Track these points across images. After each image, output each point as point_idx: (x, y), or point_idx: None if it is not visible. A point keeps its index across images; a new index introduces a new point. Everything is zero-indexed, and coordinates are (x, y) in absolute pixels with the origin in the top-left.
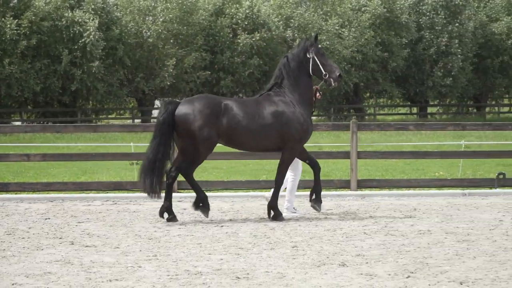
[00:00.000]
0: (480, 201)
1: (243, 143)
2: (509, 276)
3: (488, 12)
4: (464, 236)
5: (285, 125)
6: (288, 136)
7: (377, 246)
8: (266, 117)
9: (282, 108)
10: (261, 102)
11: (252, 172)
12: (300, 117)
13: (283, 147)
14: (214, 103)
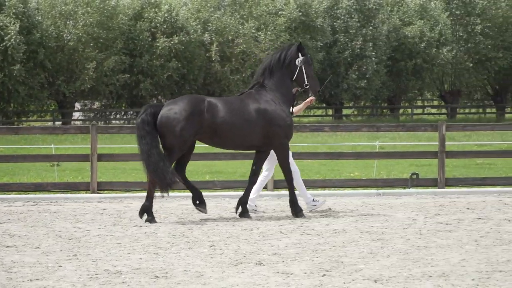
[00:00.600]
0: (394, 201)
1: (227, 141)
2: (422, 274)
3: (401, 16)
4: (379, 235)
5: (269, 122)
6: (272, 133)
7: (293, 245)
8: (250, 114)
9: (265, 106)
10: (244, 100)
11: None
12: (283, 113)
13: (267, 144)
14: (196, 102)
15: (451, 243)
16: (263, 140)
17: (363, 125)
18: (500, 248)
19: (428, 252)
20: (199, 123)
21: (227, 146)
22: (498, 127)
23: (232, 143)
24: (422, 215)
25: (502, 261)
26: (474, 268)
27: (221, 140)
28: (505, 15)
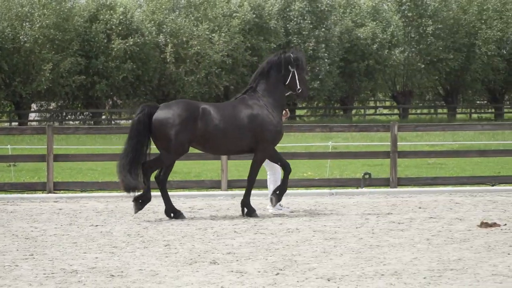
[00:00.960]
0: (346, 200)
1: (219, 146)
2: (375, 272)
3: (354, 18)
4: (332, 234)
5: (259, 127)
6: (261, 138)
7: (247, 244)
8: (241, 120)
9: (257, 111)
10: (236, 106)
11: None
12: (273, 119)
13: (255, 148)
14: (192, 107)
15: (403, 242)
16: (254, 145)
17: (316, 126)
18: (452, 247)
19: (381, 251)
20: (193, 130)
21: (219, 152)
22: (449, 127)
23: (225, 149)
24: (375, 214)
25: (453, 259)
26: (426, 267)
27: (213, 147)
28: (456, 17)
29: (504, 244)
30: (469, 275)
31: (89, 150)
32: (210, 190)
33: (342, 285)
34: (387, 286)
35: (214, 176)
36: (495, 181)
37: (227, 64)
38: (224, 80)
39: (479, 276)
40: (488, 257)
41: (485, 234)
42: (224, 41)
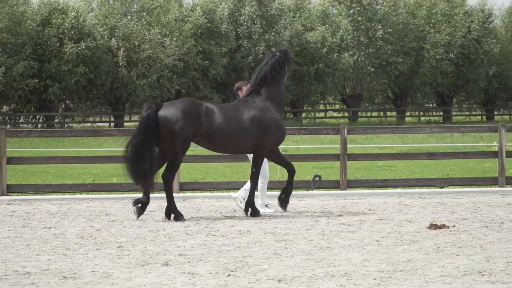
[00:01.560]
0: (297, 203)
1: (222, 145)
2: (325, 273)
3: (304, 22)
4: (282, 236)
5: (263, 130)
6: (264, 142)
7: (199, 246)
8: (245, 122)
9: (260, 114)
10: (239, 108)
11: (79, 176)
12: (277, 122)
13: (259, 150)
14: (195, 104)
15: (353, 243)
16: (256, 147)
17: None
18: (401, 248)
19: (331, 253)
20: (196, 126)
21: (221, 151)
22: (399, 130)
23: (227, 149)
24: (325, 216)
25: (402, 260)
26: (376, 268)
27: (216, 145)
28: (404, 21)
29: (452, 246)
30: (418, 276)
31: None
32: (162, 192)
33: (293, 286)
34: (337, 287)
35: None
36: (444, 183)
37: (179, 68)
38: (176, 84)
39: (428, 277)
40: (437, 258)
41: (434, 236)
42: (175, 45)
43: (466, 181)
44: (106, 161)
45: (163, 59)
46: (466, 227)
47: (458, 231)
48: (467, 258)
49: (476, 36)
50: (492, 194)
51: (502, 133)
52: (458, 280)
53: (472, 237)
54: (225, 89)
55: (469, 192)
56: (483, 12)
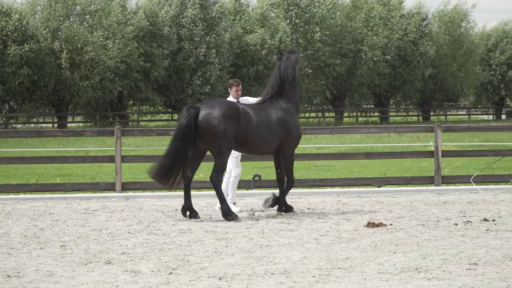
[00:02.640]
0: (238, 202)
1: (254, 147)
2: (265, 271)
3: (243, 25)
4: (223, 234)
5: (286, 131)
6: (287, 143)
7: (141, 245)
8: (274, 123)
9: (284, 116)
10: (267, 110)
11: (23, 176)
12: (297, 124)
13: (279, 150)
14: (234, 107)
15: (293, 241)
16: (279, 147)
17: None
18: (339, 246)
19: (271, 251)
20: (236, 128)
21: (250, 152)
22: (337, 130)
23: (256, 150)
24: (265, 215)
25: (341, 258)
26: (315, 266)
27: (247, 147)
28: (342, 24)
29: (390, 243)
30: (356, 273)
31: None
32: (105, 192)
33: (233, 284)
34: (277, 284)
35: (109, 178)
36: (381, 183)
37: (121, 69)
38: (118, 85)
39: (366, 274)
40: (374, 256)
41: (372, 234)
42: (118, 47)
43: (402, 180)
44: (49, 162)
45: (106, 61)
46: (403, 225)
47: (395, 229)
48: (404, 255)
49: (413, 39)
50: (428, 193)
51: (438, 133)
52: (395, 277)
53: (408, 235)
54: (167, 91)
55: (406, 191)
56: (419, 15)
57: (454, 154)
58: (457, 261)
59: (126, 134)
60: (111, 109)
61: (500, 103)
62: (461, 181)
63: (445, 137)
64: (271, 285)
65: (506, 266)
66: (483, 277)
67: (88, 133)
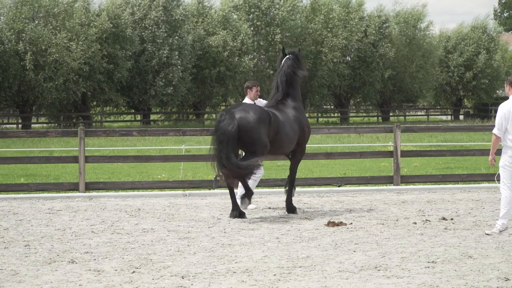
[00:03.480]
0: (199, 201)
1: (282, 147)
2: (227, 270)
3: (206, 27)
4: (185, 234)
5: (302, 130)
6: (302, 140)
7: (104, 244)
8: (293, 122)
9: (298, 115)
10: (285, 110)
11: None
12: (307, 121)
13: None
14: (265, 111)
15: (254, 240)
16: (296, 145)
17: (169, 130)
18: (300, 245)
19: (232, 250)
20: (269, 133)
21: (275, 153)
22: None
23: (281, 151)
24: (226, 214)
25: (302, 257)
26: (276, 264)
27: (274, 149)
28: (302, 26)
29: (350, 242)
30: (317, 271)
31: None
32: (69, 192)
33: (196, 282)
34: (238, 283)
35: (73, 178)
36: (341, 182)
37: (85, 71)
38: (82, 87)
39: (326, 273)
40: (335, 255)
41: (332, 233)
42: (81, 49)
43: (362, 180)
44: (13, 162)
45: (69, 62)
46: (363, 224)
47: (355, 228)
48: (364, 254)
49: (372, 40)
50: (387, 192)
51: (397, 134)
52: (355, 275)
53: (368, 233)
54: (130, 92)
55: (366, 191)
56: (379, 18)
57: (413, 154)
58: (416, 259)
59: (89, 134)
60: (74, 110)
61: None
62: (419, 181)
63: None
64: (232, 284)
65: (464, 264)
66: (442, 275)
67: (52, 133)
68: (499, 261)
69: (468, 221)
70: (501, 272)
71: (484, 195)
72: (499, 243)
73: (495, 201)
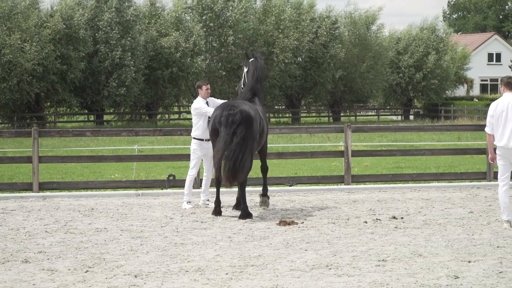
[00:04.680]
0: (152, 201)
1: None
2: (180, 269)
3: (158, 28)
4: (138, 233)
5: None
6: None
7: (58, 244)
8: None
9: (263, 112)
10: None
11: None
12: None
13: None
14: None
15: (206, 240)
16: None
17: (122, 130)
18: (252, 244)
19: (185, 249)
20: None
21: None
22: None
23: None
24: (179, 214)
25: (253, 256)
26: (228, 263)
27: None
28: (254, 27)
29: (301, 241)
30: (268, 270)
31: None
32: (22, 192)
33: (149, 281)
34: (191, 282)
35: (26, 178)
36: (292, 182)
37: (38, 72)
38: (35, 88)
39: (278, 271)
40: (286, 253)
41: (284, 232)
42: (35, 50)
43: (314, 179)
44: None
45: (23, 63)
46: (314, 223)
47: (306, 227)
48: (315, 252)
49: (323, 41)
50: (338, 191)
51: (348, 134)
52: (306, 274)
53: (319, 232)
54: (83, 92)
55: (317, 190)
56: (329, 19)
57: (364, 153)
58: (366, 257)
59: (43, 135)
60: (28, 111)
61: (408, 104)
62: (370, 180)
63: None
64: (185, 283)
65: (414, 262)
66: (392, 273)
67: (6, 134)
68: (448, 259)
69: (418, 220)
70: (450, 270)
71: (434, 194)
72: (448, 242)
73: (444, 200)
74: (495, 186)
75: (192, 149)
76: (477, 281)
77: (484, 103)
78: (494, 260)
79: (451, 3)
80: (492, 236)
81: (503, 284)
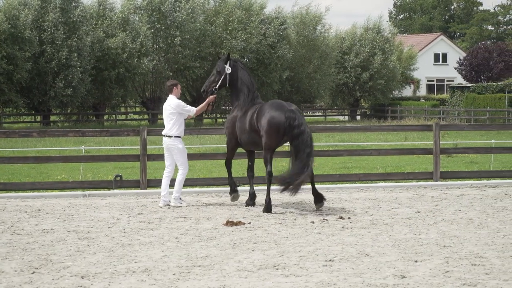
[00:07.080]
0: (99, 201)
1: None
2: (127, 269)
3: (105, 29)
4: (85, 234)
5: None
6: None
7: (4, 245)
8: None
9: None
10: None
11: None
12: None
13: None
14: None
15: (154, 240)
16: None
17: (69, 131)
18: (199, 245)
19: (132, 249)
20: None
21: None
22: (196, 132)
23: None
24: (126, 214)
25: (201, 256)
26: (175, 264)
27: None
28: (202, 28)
29: (248, 241)
30: (216, 271)
31: None
32: None
33: (96, 282)
34: (138, 282)
35: None
36: (239, 182)
37: None
38: None
39: (225, 272)
40: (233, 254)
41: (231, 232)
42: None
43: (261, 179)
44: None
45: None
46: (261, 223)
47: (253, 227)
48: (262, 253)
49: (271, 42)
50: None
51: None
52: (253, 274)
53: (267, 233)
54: (30, 93)
55: (264, 190)
56: (278, 19)
57: None
58: (313, 258)
59: None
60: None
61: (355, 104)
62: (317, 180)
63: None
64: (132, 283)
65: (361, 262)
66: (339, 273)
67: None
68: (395, 259)
69: (365, 220)
70: (397, 270)
71: (380, 194)
72: (395, 242)
73: (391, 200)
74: (442, 186)
75: (181, 148)
76: (424, 281)
77: (431, 103)
78: (441, 259)
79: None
80: (439, 236)
81: (450, 283)
